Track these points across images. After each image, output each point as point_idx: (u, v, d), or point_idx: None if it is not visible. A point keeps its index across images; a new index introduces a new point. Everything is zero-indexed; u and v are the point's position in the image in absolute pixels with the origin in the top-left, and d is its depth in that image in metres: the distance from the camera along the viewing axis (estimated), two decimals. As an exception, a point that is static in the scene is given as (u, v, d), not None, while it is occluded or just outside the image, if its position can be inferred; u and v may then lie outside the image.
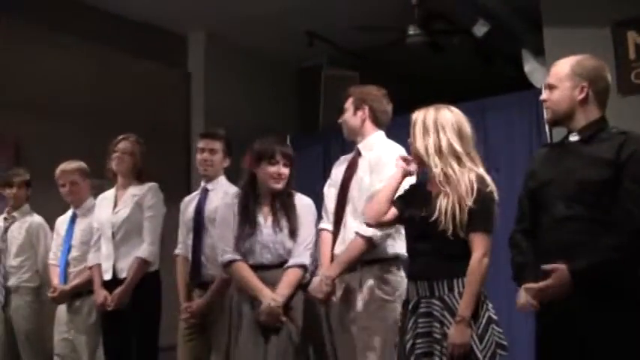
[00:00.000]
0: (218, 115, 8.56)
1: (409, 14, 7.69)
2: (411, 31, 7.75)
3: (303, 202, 4.46)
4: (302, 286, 4.33)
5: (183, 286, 5.12)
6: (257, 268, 4.30)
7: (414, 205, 3.78)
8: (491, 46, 7.98)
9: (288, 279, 4.24)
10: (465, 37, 7.84)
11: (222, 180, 5.20)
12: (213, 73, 8.85)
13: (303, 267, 4.29)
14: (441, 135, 3.69)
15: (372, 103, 4.53)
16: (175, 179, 5.30)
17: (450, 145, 3.67)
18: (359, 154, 4.51)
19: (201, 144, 5.21)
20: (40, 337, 5.91)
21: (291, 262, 4.29)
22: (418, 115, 3.79)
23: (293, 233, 4.33)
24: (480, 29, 7.41)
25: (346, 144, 7.70)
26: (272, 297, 4.15)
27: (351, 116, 4.55)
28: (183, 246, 5.20)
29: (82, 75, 7.68)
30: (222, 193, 5.05)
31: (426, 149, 3.70)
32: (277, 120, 9.00)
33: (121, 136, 5.47)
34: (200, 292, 5.00)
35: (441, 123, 3.71)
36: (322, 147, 8.06)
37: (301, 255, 4.31)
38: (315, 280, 4.24)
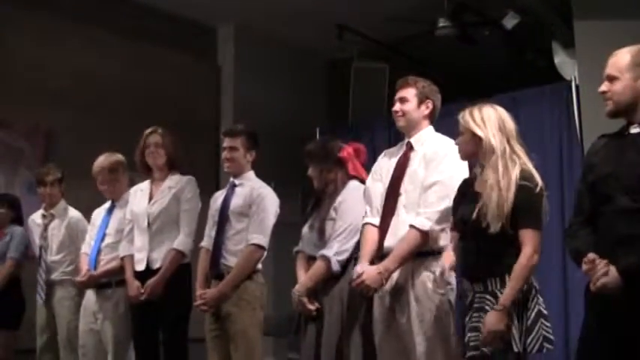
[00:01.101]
0: (247, 107, 8.60)
1: (439, 6, 7.68)
2: (441, 23, 7.74)
3: (346, 191, 4.67)
4: (335, 276, 4.51)
5: (202, 277, 5.12)
6: (309, 258, 4.70)
7: (462, 204, 3.85)
8: (521, 38, 7.94)
9: (310, 271, 4.57)
10: (494, 29, 7.81)
11: (249, 175, 5.19)
12: (242, 66, 8.89)
13: (324, 257, 4.50)
14: (487, 133, 3.75)
15: (434, 98, 4.47)
16: (204, 172, 5.30)
17: (495, 143, 3.73)
18: (411, 148, 4.43)
19: (223, 142, 5.22)
20: None
21: (318, 253, 4.55)
22: (464, 115, 3.84)
23: (321, 233, 4.60)
24: (510, 21, 7.38)
25: (376, 136, 7.74)
26: (296, 288, 4.55)
27: (415, 109, 4.42)
28: (207, 239, 5.20)
29: (113, 68, 7.76)
30: (248, 189, 5.08)
31: (475, 145, 3.79)
32: (306, 113, 9.02)
33: (148, 130, 5.47)
34: (216, 283, 5.00)
35: (486, 121, 3.77)
36: (352, 139, 8.04)
37: (328, 247, 4.53)
38: (371, 270, 4.16)
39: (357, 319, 4.43)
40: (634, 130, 3.40)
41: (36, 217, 6.34)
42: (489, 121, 3.76)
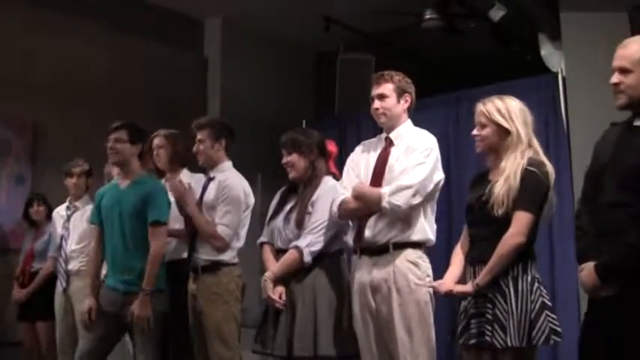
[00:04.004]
0: (234, 100, 8.61)
1: (426, -2, 7.69)
2: (428, 15, 7.74)
3: (324, 187, 4.61)
4: (306, 268, 4.50)
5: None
6: (277, 251, 4.64)
7: (473, 192, 3.90)
8: (507, 30, 7.95)
9: (282, 259, 4.53)
10: (481, 21, 7.81)
11: (224, 166, 5.17)
12: (229, 58, 8.88)
13: (296, 248, 4.47)
14: (511, 124, 3.80)
15: (410, 91, 4.47)
16: (192, 164, 5.33)
17: (519, 134, 3.79)
18: (391, 143, 4.43)
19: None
20: None
21: (290, 244, 4.51)
22: (487, 107, 3.87)
23: (300, 224, 4.54)
24: (497, 13, 7.38)
25: (361, 128, 7.72)
26: (265, 274, 4.51)
27: (395, 104, 4.43)
28: None
29: (100, 60, 7.76)
30: (218, 181, 5.07)
31: (499, 138, 3.83)
32: (293, 104, 9.03)
33: (153, 134, 5.58)
34: (194, 275, 5.01)
35: (511, 112, 3.83)
36: (338, 131, 8.04)
37: (302, 238, 4.50)
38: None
39: (330, 310, 4.43)
40: (638, 122, 3.34)
41: (60, 210, 6.51)
42: (515, 114, 3.82)
